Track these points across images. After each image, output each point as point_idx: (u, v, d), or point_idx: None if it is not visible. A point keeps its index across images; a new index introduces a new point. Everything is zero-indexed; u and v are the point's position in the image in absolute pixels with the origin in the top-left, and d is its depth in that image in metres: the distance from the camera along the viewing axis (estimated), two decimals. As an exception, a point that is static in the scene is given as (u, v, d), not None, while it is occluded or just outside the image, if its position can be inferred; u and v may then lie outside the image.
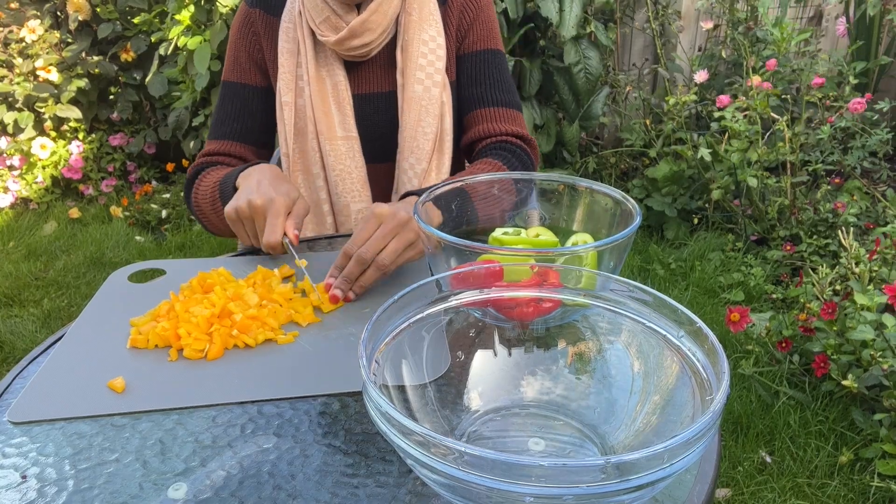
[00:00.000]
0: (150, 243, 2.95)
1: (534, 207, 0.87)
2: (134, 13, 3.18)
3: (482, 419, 0.59)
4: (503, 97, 1.17)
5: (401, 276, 0.88)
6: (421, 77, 1.11)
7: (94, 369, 0.69)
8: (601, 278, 0.61)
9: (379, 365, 0.54)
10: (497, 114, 1.16)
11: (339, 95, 1.12)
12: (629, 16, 3.21)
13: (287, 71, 1.11)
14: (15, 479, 0.55)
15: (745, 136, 2.38)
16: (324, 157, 1.12)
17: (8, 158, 3.25)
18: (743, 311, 1.60)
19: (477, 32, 1.17)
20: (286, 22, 1.12)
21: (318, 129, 1.11)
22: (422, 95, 1.11)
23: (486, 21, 1.17)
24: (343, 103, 1.12)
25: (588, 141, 3.26)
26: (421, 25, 1.11)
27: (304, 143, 1.13)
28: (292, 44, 1.11)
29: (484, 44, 1.17)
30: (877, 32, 2.99)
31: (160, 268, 0.91)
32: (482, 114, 1.16)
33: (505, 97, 1.17)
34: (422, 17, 1.12)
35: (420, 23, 1.11)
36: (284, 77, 1.11)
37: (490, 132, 1.15)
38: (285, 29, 1.12)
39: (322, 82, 1.11)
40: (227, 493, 0.53)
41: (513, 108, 1.17)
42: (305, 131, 1.12)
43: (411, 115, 1.11)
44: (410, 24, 1.11)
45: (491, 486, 0.41)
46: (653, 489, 0.42)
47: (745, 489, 1.52)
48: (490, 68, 1.17)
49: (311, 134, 1.11)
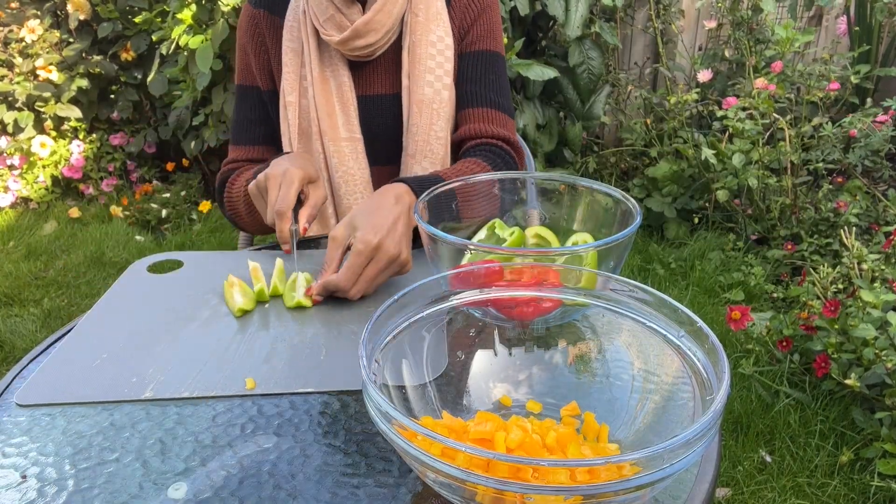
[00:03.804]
0: (150, 243, 2.95)
1: (534, 207, 0.87)
2: (134, 12, 3.18)
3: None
4: (496, 99, 1.15)
5: (401, 275, 0.88)
6: (430, 79, 1.09)
7: (106, 357, 0.70)
8: (601, 278, 0.61)
9: (379, 364, 0.54)
10: (488, 115, 1.13)
11: (343, 96, 1.10)
12: (630, 15, 3.21)
13: (291, 71, 1.10)
14: (15, 479, 0.55)
15: (748, 137, 2.38)
16: (328, 158, 1.11)
17: (8, 158, 3.25)
18: (744, 310, 1.60)
19: (477, 32, 1.15)
20: (290, 21, 1.10)
21: (322, 130, 1.10)
22: (432, 98, 1.09)
23: (488, 22, 1.16)
24: (347, 104, 1.10)
25: (589, 140, 3.26)
26: (428, 26, 1.10)
27: (308, 143, 1.12)
28: (296, 43, 1.10)
29: (484, 44, 1.15)
30: (877, 32, 2.99)
31: (179, 259, 0.94)
32: (473, 113, 1.13)
33: (498, 100, 1.15)
34: (428, 17, 1.10)
35: (427, 23, 1.10)
36: (288, 77, 1.10)
37: (479, 133, 1.12)
38: (289, 28, 1.10)
39: (326, 82, 1.10)
40: (227, 493, 0.53)
41: (504, 113, 1.15)
42: (309, 132, 1.11)
43: (422, 118, 1.09)
44: (417, 25, 1.09)
45: (491, 486, 0.41)
46: (653, 489, 0.42)
47: (745, 489, 1.52)
48: (487, 69, 1.15)
49: (315, 135, 1.10)
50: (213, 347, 0.73)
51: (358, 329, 0.76)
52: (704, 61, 3.00)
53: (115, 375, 0.68)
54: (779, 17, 3.14)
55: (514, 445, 0.49)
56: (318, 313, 0.80)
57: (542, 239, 0.79)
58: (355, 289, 0.81)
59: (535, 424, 0.53)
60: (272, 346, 0.73)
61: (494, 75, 1.15)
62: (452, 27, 1.13)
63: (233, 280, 0.83)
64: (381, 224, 0.82)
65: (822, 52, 2.93)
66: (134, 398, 0.65)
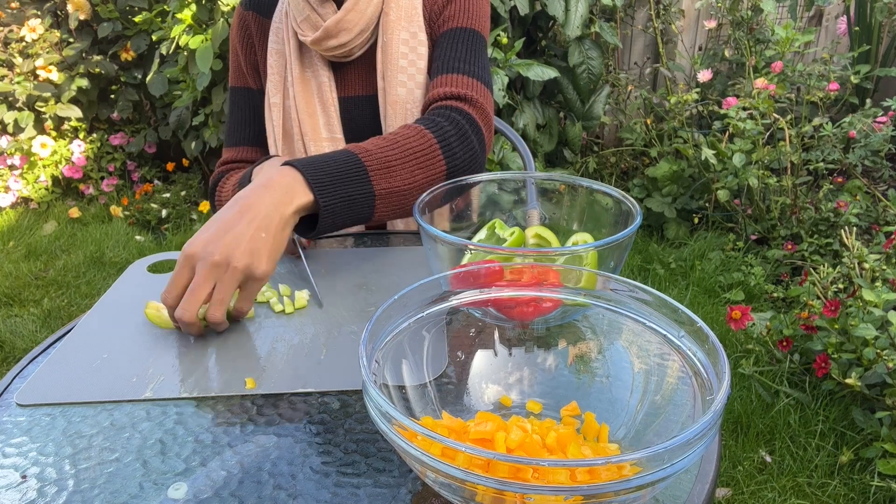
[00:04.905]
0: (150, 243, 2.95)
1: (534, 207, 0.87)
2: (134, 12, 3.18)
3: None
4: (463, 66, 1.03)
5: (401, 275, 0.88)
6: (403, 79, 1.07)
7: (106, 357, 0.70)
8: (601, 278, 0.61)
9: (379, 364, 0.54)
10: (449, 80, 1.02)
11: (323, 97, 1.10)
12: (630, 15, 3.21)
13: (275, 72, 1.10)
14: (15, 479, 0.55)
15: (749, 137, 2.38)
16: None
17: (9, 158, 3.25)
18: (744, 309, 1.60)
19: (450, 12, 1.08)
20: (276, 22, 1.11)
21: (304, 131, 1.09)
22: (405, 98, 1.07)
23: (464, 2, 1.08)
24: (328, 105, 1.10)
25: (589, 140, 3.26)
26: (399, 24, 1.07)
27: (291, 144, 1.12)
28: (280, 44, 1.10)
29: (456, 22, 1.07)
30: (877, 32, 2.99)
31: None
32: (435, 82, 1.03)
33: (465, 67, 1.03)
34: (399, 15, 1.07)
35: (398, 21, 1.07)
36: (273, 78, 1.10)
37: (434, 97, 1.01)
38: (275, 29, 1.11)
39: (307, 83, 1.10)
40: (227, 493, 0.53)
41: (472, 77, 1.02)
42: (292, 133, 1.11)
43: (397, 118, 1.08)
44: (388, 24, 1.07)
45: (491, 486, 0.41)
46: (653, 489, 0.42)
47: (745, 489, 1.52)
48: (456, 43, 1.06)
49: (297, 135, 1.10)
50: (213, 347, 0.73)
51: (358, 329, 0.76)
52: (704, 61, 3.00)
53: (115, 375, 0.68)
54: (779, 17, 3.14)
55: (514, 445, 0.49)
56: (319, 313, 0.80)
57: (542, 239, 0.79)
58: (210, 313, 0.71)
59: (535, 424, 0.53)
60: (272, 346, 0.73)
61: (465, 46, 1.06)
62: (424, 20, 1.09)
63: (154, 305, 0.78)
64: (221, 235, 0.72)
65: (822, 53, 2.93)
66: (134, 398, 0.65)
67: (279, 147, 1.12)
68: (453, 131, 0.94)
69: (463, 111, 0.98)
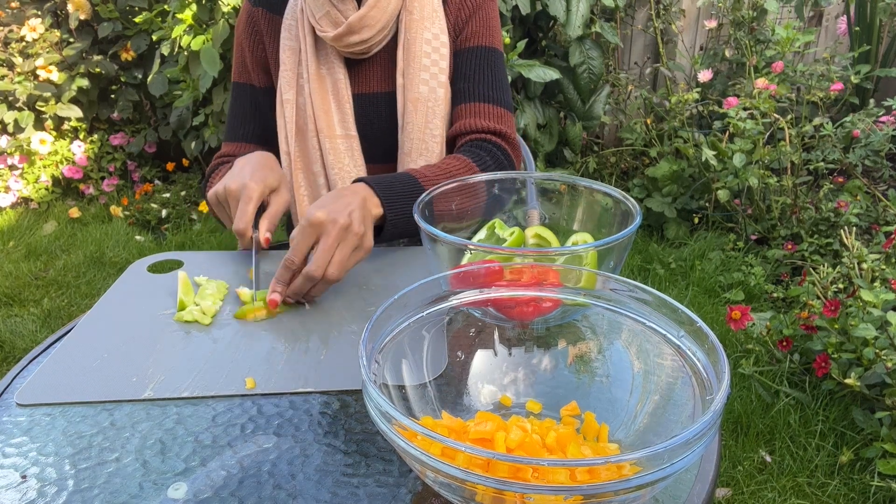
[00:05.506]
0: (150, 243, 2.95)
1: (534, 207, 0.87)
2: (134, 12, 3.18)
3: (482, 419, 0.59)
4: (492, 94, 1.13)
5: (401, 275, 0.88)
6: (426, 77, 1.09)
7: (106, 357, 0.70)
8: (601, 278, 0.61)
9: (379, 364, 0.54)
10: (482, 109, 1.12)
11: (338, 94, 1.11)
12: (630, 15, 3.21)
13: (288, 68, 1.11)
14: (15, 479, 0.55)
15: (749, 136, 2.38)
16: (324, 155, 1.11)
17: (9, 157, 3.26)
18: (744, 309, 1.60)
19: (473, 28, 1.14)
20: (289, 19, 1.11)
21: (318, 128, 1.10)
22: (427, 96, 1.10)
23: (484, 18, 1.15)
24: (343, 102, 1.11)
25: (589, 140, 3.26)
26: (423, 24, 1.10)
27: (305, 141, 1.12)
28: (294, 41, 1.11)
29: (479, 40, 1.14)
30: (877, 32, 2.98)
31: (179, 259, 0.94)
32: (467, 109, 1.12)
33: (494, 94, 1.13)
34: (423, 15, 1.10)
35: (422, 21, 1.10)
36: (286, 74, 1.11)
37: (471, 128, 1.11)
38: (288, 26, 1.11)
39: (322, 80, 1.11)
40: (227, 493, 0.53)
41: (501, 106, 1.13)
42: (306, 129, 1.12)
43: (417, 116, 1.09)
44: (412, 23, 1.09)
45: (491, 486, 0.41)
46: (653, 489, 0.42)
47: (745, 489, 1.52)
48: (482, 65, 1.13)
49: (312, 132, 1.11)
50: (213, 347, 0.73)
51: (358, 329, 0.76)
52: (705, 61, 3.00)
53: (115, 375, 0.68)
54: (779, 17, 3.14)
55: (514, 445, 0.49)
56: (319, 313, 0.80)
57: (542, 239, 0.79)
58: (329, 270, 0.80)
59: (535, 424, 0.53)
60: (272, 346, 0.73)
61: (490, 71, 1.14)
62: (448, 25, 1.13)
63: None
64: (341, 208, 0.83)
65: (822, 53, 2.93)
66: (134, 398, 0.65)
67: (292, 143, 1.12)
68: (494, 166, 1.07)
69: (500, 147, 1.10)
